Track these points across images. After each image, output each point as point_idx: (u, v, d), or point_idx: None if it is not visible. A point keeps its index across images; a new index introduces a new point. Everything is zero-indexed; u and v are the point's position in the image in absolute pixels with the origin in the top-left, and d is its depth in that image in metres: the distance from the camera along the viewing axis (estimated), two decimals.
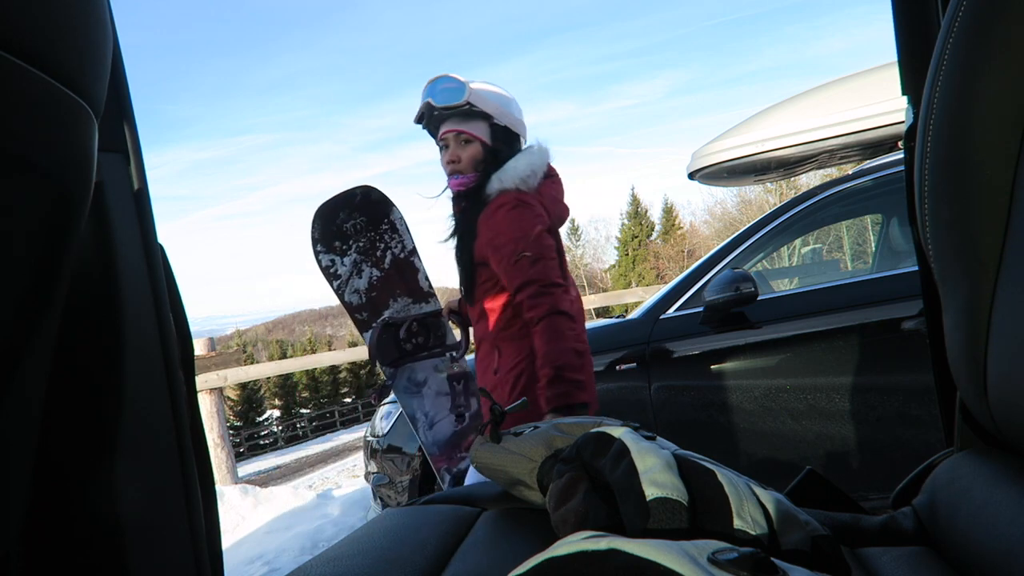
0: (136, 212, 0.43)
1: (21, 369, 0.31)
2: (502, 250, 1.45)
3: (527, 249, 1.43)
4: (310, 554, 3.11)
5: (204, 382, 4.38)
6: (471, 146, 1.54)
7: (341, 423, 20.16)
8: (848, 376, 2.10)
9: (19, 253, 0.29)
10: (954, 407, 0.61)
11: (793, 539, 0.40)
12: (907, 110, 0.68)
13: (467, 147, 1.54)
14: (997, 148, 0.43)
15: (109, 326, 0.39)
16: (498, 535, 0.62)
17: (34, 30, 0.27)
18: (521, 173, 1.51)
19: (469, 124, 1.54)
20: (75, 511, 0.38)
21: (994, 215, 0.44)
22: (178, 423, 0.42)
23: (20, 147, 0.27)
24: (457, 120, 1.53)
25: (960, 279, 0.48)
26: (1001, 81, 0.42)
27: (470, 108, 1.51)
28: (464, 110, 1.51)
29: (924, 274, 0.65)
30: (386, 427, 2.75)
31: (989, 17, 0.42)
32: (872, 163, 2.44)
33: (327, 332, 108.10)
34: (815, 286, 2.31)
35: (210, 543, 0.45)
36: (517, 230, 1.45)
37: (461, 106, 1.50)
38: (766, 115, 3.52)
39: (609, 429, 0.53)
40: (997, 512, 0.45)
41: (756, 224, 2.46)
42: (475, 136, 1.54)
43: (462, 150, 1.53)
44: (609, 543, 0.30)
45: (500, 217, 1.47)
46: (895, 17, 0.68)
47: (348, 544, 0.59)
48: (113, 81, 0.39)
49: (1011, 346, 0.44)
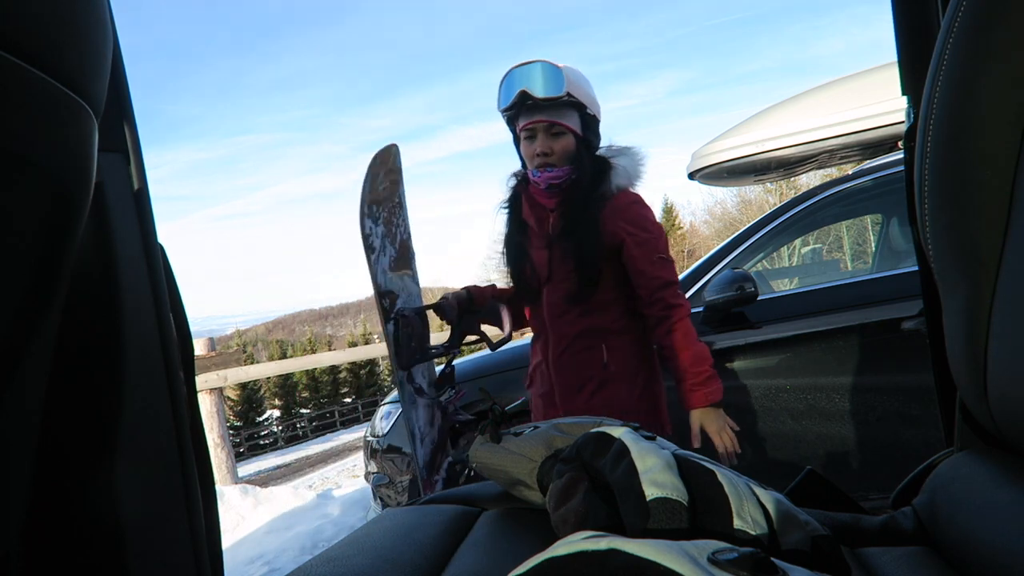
0: (136, 212, 0.43)
1: (21, 369, 0.31)
2: (645, 246, 1.42)
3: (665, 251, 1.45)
4: (310, 554, 3.11)
5: (204, 382, 4.38)
6: (564, 138, 1.43)
7: (341, 423, 20.16)
8: (848, 376, 2.10)
9: (19, 253, 0.29)
10: (954, 407, 0.61)
11: (793, 539, 0.40)
12: (907, 110, 0.68)
13: (559, 139, 1.43)
14: (997, 148, 0.43)
15: (109, 326, 0.39)
16: (498, 535, 0.62)
17: (34, 30, 0.27)
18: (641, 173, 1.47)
19: (562, 114, 1.42)
20: (75, 511, 0.38)
21: (994, 215, 0.44)
22: (178, 423, 0.42)
23: (20, 147, 0.27)
24: (550, 111, 1.41)
25: (960, 279, 0.48)
26: (1001, 81, 0.42)
27: (569, 99, 1.41)
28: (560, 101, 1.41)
29: (924, 274, 0.65)
30: (386, 427, 2.75)
31: (989, 17, 0.42)
32: (872, 163, 2.44)
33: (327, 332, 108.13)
34: (815, 286, 2.31)
35: (210, 543, 0.45)
36: (657, 229, 1.45)
37: (560, 99, 1.39)
38: (766, 115, 3.52)
39: (609, 429, 0.53)
40: (997, 512, 0.45)
41: (756, 224, 2.47)
42: (568, 128, 1.43)
43: (554, 142, 1.43)
44: (609, 543, 0.30)
45: (636, 213, 1.44)
46: (895, 17, 0.68)
47: (348, 544, 0.59)
48: (113, 81, 0.39)
49: (1011, 346, 0.44)
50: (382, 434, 2.74)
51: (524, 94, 1.39)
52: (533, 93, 1.38)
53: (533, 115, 1.42)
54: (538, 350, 1.56)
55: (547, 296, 1.50)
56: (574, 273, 1.44)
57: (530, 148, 1.45)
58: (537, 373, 1.57)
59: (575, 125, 1.44)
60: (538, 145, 1.43)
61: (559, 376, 1.50)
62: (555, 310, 1.49)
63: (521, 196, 1.55)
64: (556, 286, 1.48)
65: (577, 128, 1.44)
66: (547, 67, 1.39)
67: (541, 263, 1.49)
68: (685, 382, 1.41)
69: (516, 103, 1.41)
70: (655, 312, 1.42)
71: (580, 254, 1.43)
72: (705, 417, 1.41)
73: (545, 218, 1.50)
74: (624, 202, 1.44)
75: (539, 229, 1.50)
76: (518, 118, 1.46)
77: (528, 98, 1.39)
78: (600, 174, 1.45)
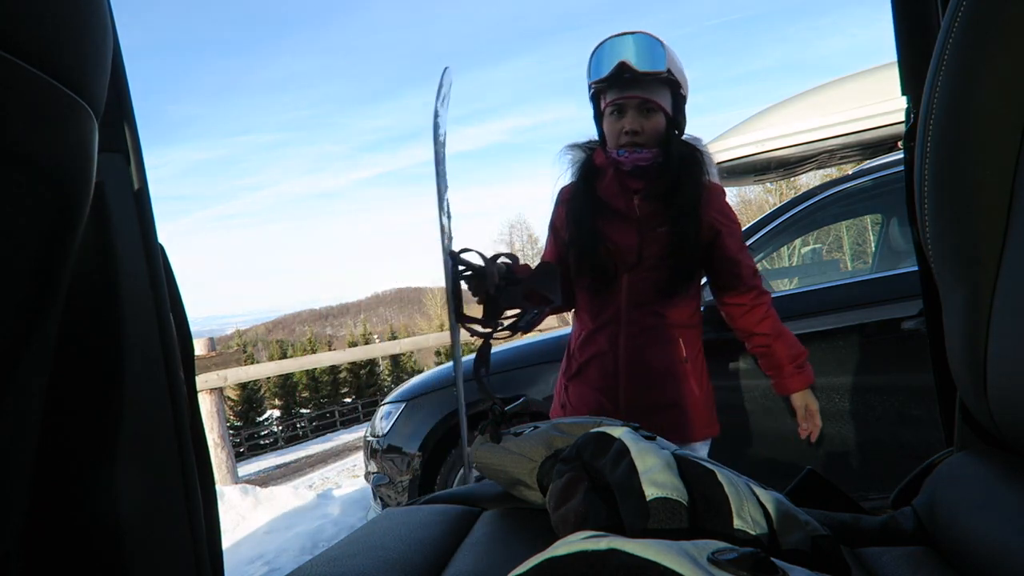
0: (136, 212, 0.43)
1: (21, 369, 0.31)
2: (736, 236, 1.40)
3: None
4: (310, 554, 3.11)
5: (204, 382, 4.38)
6: (655, 117, 1.32)
7: (341, 423, 20.16)
8: (848, 376, 2.10)
9: (19, 253, 0.29)
10: (954, 407, 0.61)
11: (793, 539, 0.40)
12: (907, 110, 0.68)
13: (651, 117, 1.32)
14: (997, 148, 0.43)
15: (109, 326, 0.39)
16: (498, 535, 0.62)
17: (34, 30, 0.27)
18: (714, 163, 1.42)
19: (657, 92, 1.32)
20: (75, 511, 0.38)
21: (994, 215, 0.44)
22: (178, 423, 0.42)
23: (20, 147, 0.27)
24: (645, 86, 1.30)
25: (960, 279, 0.48)
26: (1001, 81, 0.42)
27: (667, 76, 1.30)
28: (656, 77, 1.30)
29: (924, 274, 0.65)
30: (386, 427, 2.75)
31: (989, 17, 0.42)
32: (872, 163, 2.44)
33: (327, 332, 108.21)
34: (815, 286, 2.31)
35: (210, 543, 0.45)
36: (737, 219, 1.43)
37: (661, 74, 1.29)
38: (766, 115, 3.52)
39: (609, 429, 0.53)
40: (997, 512, 0.45)
41: (756, 224, 2.46)
42: (661, 106, 1.32)
43: (645, 120, 1.32)
44: (609, 543, 0.30)
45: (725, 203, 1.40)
46: (895, 17, 0.68)
47: (348, 544, 0.59)
48: (113, 81, 0.39)
49: (1011, 346, 0.44)
50: (382, 434, 2.74)
51: (624, 66, 1.26)
52: (634, 66, 1.26)
53: (627, 89, 1.31)
54: (600, 340, 1.42)
55: (628, 283, 1.38)
56: (669, 262, 1.35)
57: (617, 124, 1.33)
58: (594, 365, 1.42)
59: (667, 104, 1.34)
60: (627, 122, 1.32)
61: (631, 369, 1.39)
62: (637, 299, 1.37)
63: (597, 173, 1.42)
64: (643, 274, 1.37)
65: (669, 108, 1.34)
66: (649, 40, 1.28)
67: (628, 248, 1.36)
68: (788, 366, 1.42)
69: (613, 75, 1.28)
70: (749, 300, 1.41)
71: (682, 243, 1.33)
72: (808, 398, 1.44)
73: (631, 200, 1.38)
74: (716, 192, 1.40)
75: (626, 211, 1.37)
76: (607, 91, 1.35)
77: (627, 71, 1.27)
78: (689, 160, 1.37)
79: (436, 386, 2.74)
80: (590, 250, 1.37)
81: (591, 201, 1.39)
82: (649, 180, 1.36)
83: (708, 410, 1.44)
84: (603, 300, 1.41)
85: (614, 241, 1.37)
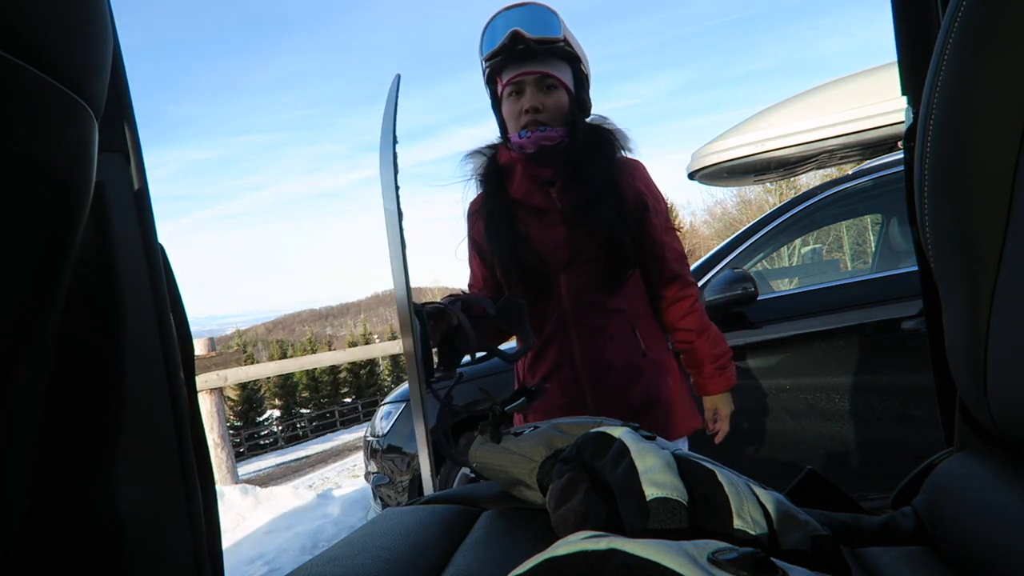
0: (136, 212, 0.43)
1: (21, 369, 0.31)
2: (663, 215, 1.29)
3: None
4: (310, 554, 3.11)
5: (204, 382, 4.38)
6: (556, 93, 1.22)
7: (341, 423, 20.17)
8: (848, 376, 2.10)
9: (19, 253, 0.29)
10: (954, 407, 0.61)
11: (793, 539, 0.40)
12: (907, 110, 0.68)
13: (551, 94, 1.22)
14: (997, 148, 0.43)
15: (109, 326, 0.39)
16: (498, 535, 0.62)
17: (34, 30, 0.27)
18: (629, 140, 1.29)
19: (555, 66, 1.21)
20: (75, 511, 0.38)
21: (994, 215, 0.44)
22: (178, 423, 0.42)
23: (20, 147, 0.27)
24: (540, 61, 1.20)
25: (960, 279, 0.48)
26: (1001, 80, 0.42)
27: (563, 46, 1.20)
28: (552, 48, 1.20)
29: (924, 274, 0.65)
30: (386, 427, 2.75)
31: (989, 17, 0.42)
32: (872, 163, 2.44)
33: (327, 332, 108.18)
34: (815, 286, 2.31)
35: (210, 543, 0.45)
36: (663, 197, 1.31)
37: (556, 41, 1.18)
38: (766, 115, 3.52)
39: (609, 429, 0.53)
40: (997, 512, 0.45)
41: (756, 224, 2.47)
42: (562, 82, 1.22)
43: (545, 97, 1.21)
44: (609, 543, 0.30)
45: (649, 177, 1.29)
46: (895, 17, 0.68)
47: (348, 544, 0.59)
48: (113, 81, 0.39)
49: (1011, 346, 0.44)
50: (382, 434, 2.75)
51: (516, 35, 1.16)
52: (527, 33, 1.16)
53: (523, 65, 1.20)
54: (552, 354, 1.28)
55: (567, 283, 1.25)
56: (603, 251, 1.22)
57: (516, 105, 1.22)
58: (551, 383, 1.27)
59: (568, 80, 1.23)
60: (527, 100, 1.21)
61: (593, 375, 1.25)
62: (580, 298, 1.25)
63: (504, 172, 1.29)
64: (580, 269, 1.24)
65: (571, 84, 1.24)
66: (541, 8, 1.19)
67: (556, 245, 1.24)
68: (708, 366, 1.32)
69: (505, 46, 1.18)
70: (673, 292, 1.30)
71: (611, 224, 1.21)
72: (722, 401, 1.35)
73: (547, 192, 1.26)
74: (638, 165, 1.29)
75: (545, 204, 1.25)
76: (503, 71, 1.24)
77: (520, 40, 1.17)
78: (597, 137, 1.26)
79: None
80: (517, 256, 1.25)
81: (505, 203, 1.27)
82: (559, 166, 1.24)
83: (685, 402, 1.33)
84: (543, 309, 1.28)
85: (540, 240, 1.25)
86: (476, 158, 1.33)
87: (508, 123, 1.25)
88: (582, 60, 1.25)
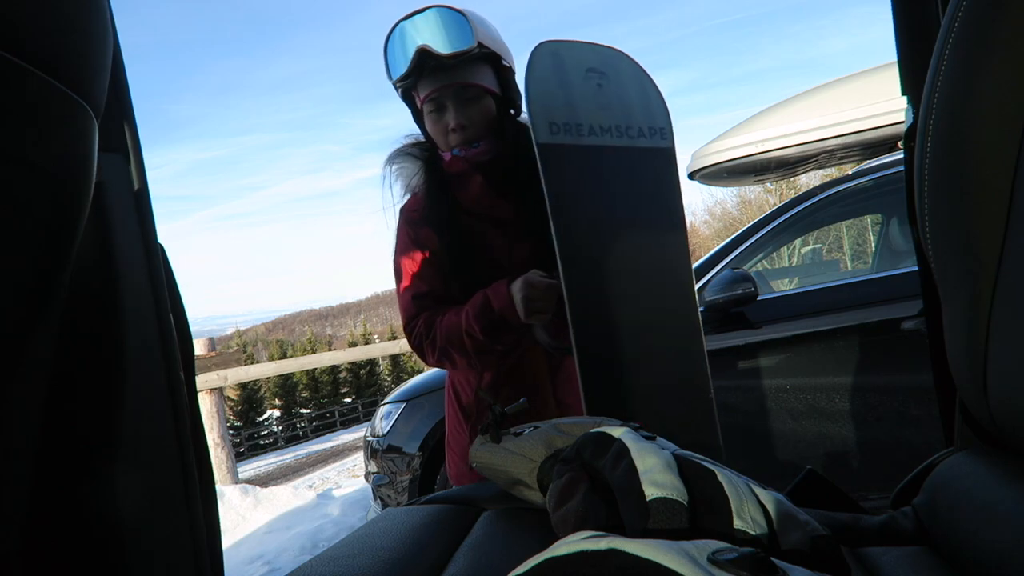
0: (136, 212, 0.43)
1: (22, 369, 0.31)
2: None
3: None
4: (310, 554, 3.11)
5: (204, 382, 4.38)
6: (482, 102, 1.11)
7: (341, 423, 20.17)
8: (848, 376, 2.10)
9: (19, 253, 0.29)
10: (954, 407, 0.61)
11: (793, 539, 0.40)
12: (907, 110, 0.68)
13: (475, 105, 1.11)
14: (997, 148, 0.43)
15: (109, 326, 0.39)
16: (498, 535, 0.62)
17: (34, 30, 0.27)
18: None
19: (474, 72, 1.10)
20: (75, 511, 0.38)
21: (994, 215, 0.44)
22: (178, 423, 0.42)
23: (20, 147, 0.27)
24: (458, 70, 1.08)
25: (960, 279, 0.48)
26: (1001, 81, 0.42)
27: (480, 51, 1.08)
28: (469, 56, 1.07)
29: (924, 274, 0.66)
30: (386, 427, 2.75)
31: (989, 17, 0.42)
32: (872, 163, 2.44)
33: (327, 332, 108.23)
34: (815, 286, 2.31)
35: (210, 543, 0.45)
36: None
37: (470, 52, 1.06)
38: (766, 115, 3.52)
39: (609, 429, 0.53)
40: (997, 512, 0.45)
41: (756, 224, 2.47)
42: (485, 88, 1.11)
43: (471, 109, 1.10)
44: (609, 543, 0.30)
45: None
46: (895, 17, 0.68)
47: (348, 544, 0.59)
48: (113, 81, 0.39)
49: (1011, 346, 0.44)
50: (382, 434, 2.75)
51: (424, 52, 1.04)
52: (436, 49, 1.04)
53: (438, 80, 1.08)
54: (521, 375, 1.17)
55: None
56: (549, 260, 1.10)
57: (440, 123, 1.11)
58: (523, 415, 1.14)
59: (491, 83, 1.12)
60: (451, 118, 1.09)
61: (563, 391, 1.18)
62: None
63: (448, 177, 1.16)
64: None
65: (494, 86, 1.13)
66: (446, 13, 1.06)
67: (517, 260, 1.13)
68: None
69: (414, 67, 1.06)
70: None
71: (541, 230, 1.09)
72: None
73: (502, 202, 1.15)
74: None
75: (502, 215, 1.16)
76: (417, 86, 1.11)
77: (430, 58, 1.05)
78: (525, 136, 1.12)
79: (436, 386, 2.74)
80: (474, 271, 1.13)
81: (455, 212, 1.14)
82: (501, 175, 1.14)
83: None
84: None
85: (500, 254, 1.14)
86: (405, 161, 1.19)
87: (436, 140, 1.16)
88: (502, 56, 1.13)
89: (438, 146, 1.17)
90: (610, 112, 1.12)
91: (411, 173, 1.18)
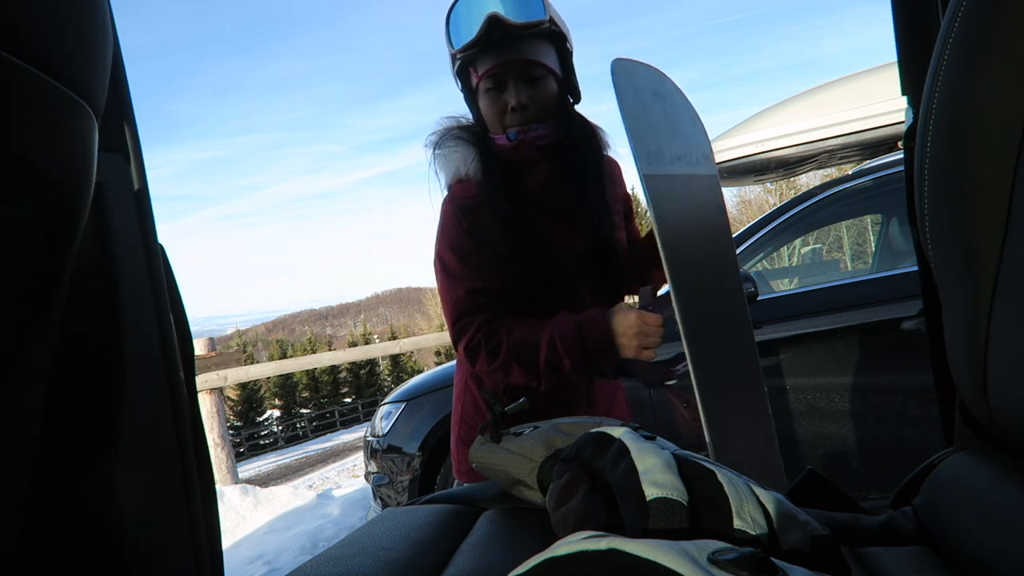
0: (136, 212, 0.43)
1: (22, 369, 0.31)
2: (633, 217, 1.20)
3: None
4: (310, 554, 3.11)
5: (204, 382, 4.38)
6: (546, 83, 1.04)
7: (341, 423, 20.18)
8: (848, 376, 2.10)
9: (19, 253, 0.29)
10: (954, 407, 0.61)
11: (793, 539, 0.40)
12: (907, 110, 0.68)
13: (540, 85, 1.03)
14: (997, 148, 0.43)
15: (109, 326, 0.39)
16: (498, 535, 0.62)
17: (34, 30, 0.27)
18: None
19: (540, 51, 1.02)
20: (75, 511, 0.38)
21: (994, 215, 0.44)
22: (178, 423, 0.42)
23: (20, 147, 0.27)
24: (522, 47, 1.00)
25: (960, 279, 0.48)
26: (1001, 81, 0.42)
27: (550, 28, 1.01)
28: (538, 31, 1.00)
29: (924, 274, 0.66)
30: (386, 427, 2.75)
31: (989, 17, 0.42)
32: (872, 163, 2.44)
33: (327, 332, 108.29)
34: (815, 286, 2.31)
35: (210, 543, 0.45)
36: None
37: (542, 24, 0.99)
38: (766, 115, 3.52)
39: (609, 429, 0.53)
40: (997, 512, 0.45)
41: (756, 224, 2.47)
42: (550, 68, 1.04)
43: (532, 89, 1.03)
44: (609, 543, 0.30)
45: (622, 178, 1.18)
46: (895, 17, 0.68)
47: (348, 544, 0.59)
48: (113, 81, 0.39)
49: (1011, 346, 0.44)
50: (382, 434, 2.74)
51: (494, 20, 0.96)
52: (508, 18, 0.96)
53: (502, 53, 1.00)
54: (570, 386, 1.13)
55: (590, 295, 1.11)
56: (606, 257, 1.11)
57: (499, 101, 1.04)
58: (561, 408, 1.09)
59: (555, 65, 1.05)
60: (511, 96, 1.02)
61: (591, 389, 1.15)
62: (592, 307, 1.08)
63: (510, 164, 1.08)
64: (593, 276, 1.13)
65: (558, 68, 1.06)
66: None
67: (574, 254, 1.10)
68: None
69: (482, 35, 0.98)
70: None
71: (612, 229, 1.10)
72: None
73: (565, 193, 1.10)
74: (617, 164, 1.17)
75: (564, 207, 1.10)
76: (477, 61, 1.04)
77: (499, 27, 0.97)
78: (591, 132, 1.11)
79: (436, 386, 2.74)
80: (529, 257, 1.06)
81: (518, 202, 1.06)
82: (555, 160, 1.09)
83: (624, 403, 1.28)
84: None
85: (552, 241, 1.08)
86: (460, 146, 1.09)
87: (489, 121, 1.08)
88: (568, 38, 1.07)
89: (489, 128, 1.09)
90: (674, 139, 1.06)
91: (463, 158, 1.08)
